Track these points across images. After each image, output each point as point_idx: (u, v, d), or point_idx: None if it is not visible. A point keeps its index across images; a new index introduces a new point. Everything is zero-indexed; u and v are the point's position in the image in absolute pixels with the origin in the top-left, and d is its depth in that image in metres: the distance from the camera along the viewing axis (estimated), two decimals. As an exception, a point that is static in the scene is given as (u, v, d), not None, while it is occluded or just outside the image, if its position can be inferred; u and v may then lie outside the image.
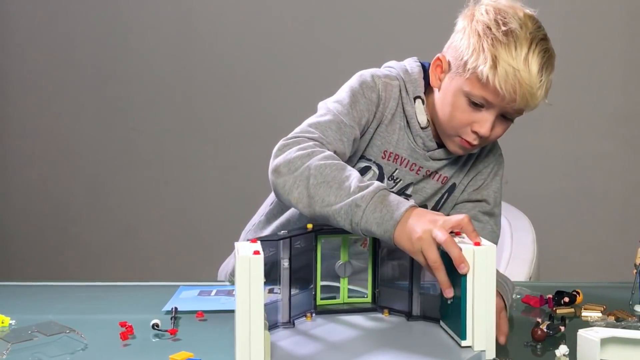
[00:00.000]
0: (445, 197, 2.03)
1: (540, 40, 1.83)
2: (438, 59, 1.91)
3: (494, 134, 1.89)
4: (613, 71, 4.01)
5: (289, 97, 4.14)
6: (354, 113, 1.88)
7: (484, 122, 1.85)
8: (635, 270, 1.80)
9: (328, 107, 1.88)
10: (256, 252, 1.38)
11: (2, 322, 1.71)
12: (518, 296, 1.89)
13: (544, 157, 4.06)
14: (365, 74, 1.97)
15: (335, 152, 1.77)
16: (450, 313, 1.56)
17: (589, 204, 4.08)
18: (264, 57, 4.24)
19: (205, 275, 2.35)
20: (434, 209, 2.02)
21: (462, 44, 1.85)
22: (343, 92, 1.92)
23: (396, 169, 1.98)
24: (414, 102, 1.95)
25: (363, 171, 1.97)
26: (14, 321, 1.72)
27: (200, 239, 4.38)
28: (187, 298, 1.90)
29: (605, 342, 1.42)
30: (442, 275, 1.49)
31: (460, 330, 1.49)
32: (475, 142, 1.89)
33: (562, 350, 1.47)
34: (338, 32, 4.17)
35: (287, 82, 4.20)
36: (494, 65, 1.79)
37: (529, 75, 1.78)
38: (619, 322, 1.67)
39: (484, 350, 1.48)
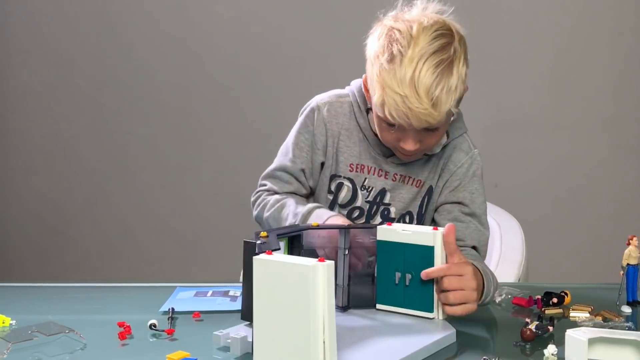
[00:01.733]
0: (425, 200, 2.05)
1: (432, 54, 1.78)
2: (364, 79, 1.98)
3: (427, 144, 1.90)
4: (601, 77, 4.02)
5: (282, 102, 4.14)
6: (297, 151, 2.08)
7: (406, 139, 1.87)
8: (622, 272, 1.81)
9: (278, 154, 2.14)
10: (321, 260, 1.35)
11: (3, 323, 1.71)
12: (509, 296, 1.89)
13: (533, 160, 4.06)
14: (310, 104, 2.11)
15: (285, 192, 2.08)
16: (407, 294, 1.71)
17: (576, 206, 4.09)
18: (258, 63, 4.24)
19: (201, 277, 2.36)
20: (419, 214, 2.06)
21: (367, 70, 1.91)
22: (292, 131, 2.12)
23: (365, 178, 2.05)
24: (367, 114, 2.02)
25: (338, 187, 2.07)
26: (14, 321, 1.71)
27: (196, 242, 4.38)
28: (184, 299, 1.90)
29: (592, 342, 1.43)
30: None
31: (429, 305, 1.68)
32: (410, 153, 1.92)
33: (551, 350, 1.47)
34: (332, 36, 4.17)
35: (280, 88, 4.20)
36: (382, 94, 1.80)
37: (418, 98, 1.76)
38: (606, 323, 1.68)
39: (446, 317, 1.68)
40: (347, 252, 1.75)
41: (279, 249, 1.53)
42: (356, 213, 2.07)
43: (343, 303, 1.75)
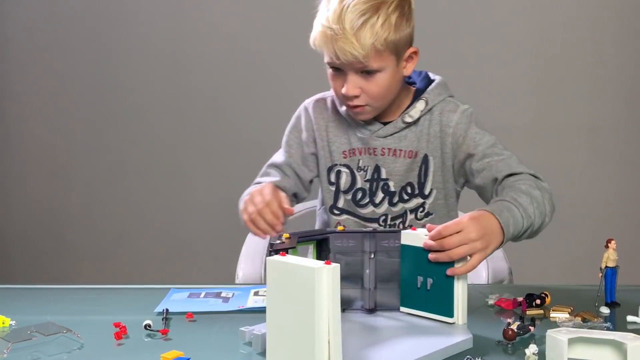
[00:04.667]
0: (423, 169, 2.08)
1: None
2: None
3: (369, 91, 1.95)
4: (580, 87, 4.02)
5: (272, 108, 4.13)
6: (287, 148, 2.21)
7: (346, 84, 1.94)
8: (600, 274, 1.81)
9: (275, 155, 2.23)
10: (328, 262, 1.35)
11: (3, 323, 1.70)
12: (495, 296, 1.89)
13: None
14: (300, 107, 2.24)
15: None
16: (428, 298, 1.69)
17: (557, 211, 4.09)
18: (250, 70, 4.23)
19: (194, 279, 2.35)
20: (419, 183, 2.10)
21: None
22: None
23: (359, 160, 2.11)
24: None
25: (337, 175, 2.14)
26: (14, 322, 1.72)
27: (189, 245, 4.37)
28: (178, 300, 1.90)
29: (572, 342, 1.43)
30: None
31: (449, 310, 1.65)
32: (355, 103, 1.98)
33: (532, 349, 1.48)
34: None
35: (270, 94, 4.20)
36: (315, 29, 1.94)
37: (342, 29, 1.86)
38: (585, 323, 1.68)
39: (465, 323, 1.66)
40: (372, 256, 1.74)
41: (294, 247, 1.56)
42: (359, 194, 2.13)
43: (370, 305, 1.75)
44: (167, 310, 1.78)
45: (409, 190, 2.11)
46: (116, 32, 4.34)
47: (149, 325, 1.66)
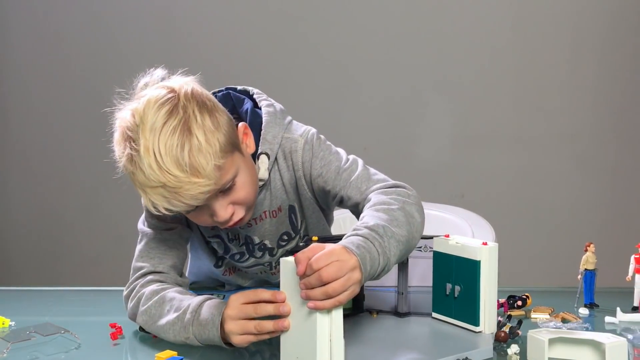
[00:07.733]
0: (293, 218, 1.87)
1: (161, 128, 1.56)
2: None
3: (240, 199, 1.65)
4: (561, 96, 4.03)
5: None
6: (156, 222, 1.95)
7: (216, 212, 1.63)
8: (580, 276, 1.81)
9: (141, 230, 2.01)
10: None
11: (3, 324, 1.70)
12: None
13: (498, 173, 4.06)
14: None
15: (164, 266, 1.88)
16: (456, 306, 1.65)
17: (538, 215, 4.10)
18: (256, 68, 4.23)
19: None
20: (295, 229, 1.89)
21: None
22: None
23: (227, 232, 1.88)
24: None
25: (210, 247, 1.95)
26: (13, 322, 1.72)
27: (184, 247, 4.36)
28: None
29: (552, 342, 1.43)
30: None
31: (475, 318, 1.60)
32: (235, 220, 1.67)
33: (514, 349, 1.48)
34: (317, 47, 4.17)
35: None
36: (146, 197, 1.63)
37: (175, 178, 1.53)
38: (565, 324, 1.68)
39: (493, 332, 1.60)
40: (406, 261, 1.71)
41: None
42: (237, 257, 1.92)
43: (403, 309, 1.73)
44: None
45: (285, 237, 1.89)
46: (117, 33, 4.33)
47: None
